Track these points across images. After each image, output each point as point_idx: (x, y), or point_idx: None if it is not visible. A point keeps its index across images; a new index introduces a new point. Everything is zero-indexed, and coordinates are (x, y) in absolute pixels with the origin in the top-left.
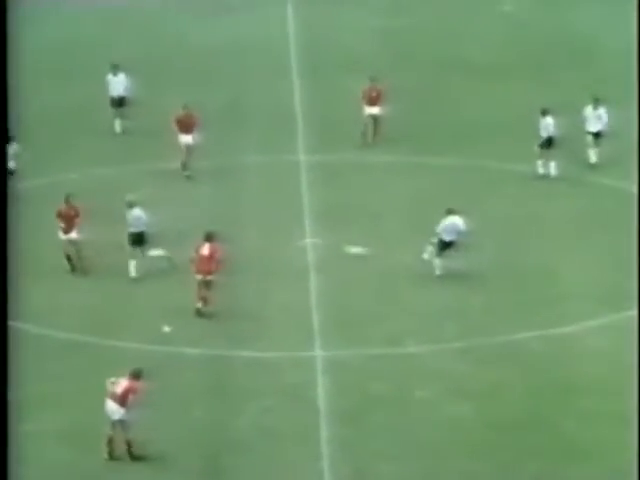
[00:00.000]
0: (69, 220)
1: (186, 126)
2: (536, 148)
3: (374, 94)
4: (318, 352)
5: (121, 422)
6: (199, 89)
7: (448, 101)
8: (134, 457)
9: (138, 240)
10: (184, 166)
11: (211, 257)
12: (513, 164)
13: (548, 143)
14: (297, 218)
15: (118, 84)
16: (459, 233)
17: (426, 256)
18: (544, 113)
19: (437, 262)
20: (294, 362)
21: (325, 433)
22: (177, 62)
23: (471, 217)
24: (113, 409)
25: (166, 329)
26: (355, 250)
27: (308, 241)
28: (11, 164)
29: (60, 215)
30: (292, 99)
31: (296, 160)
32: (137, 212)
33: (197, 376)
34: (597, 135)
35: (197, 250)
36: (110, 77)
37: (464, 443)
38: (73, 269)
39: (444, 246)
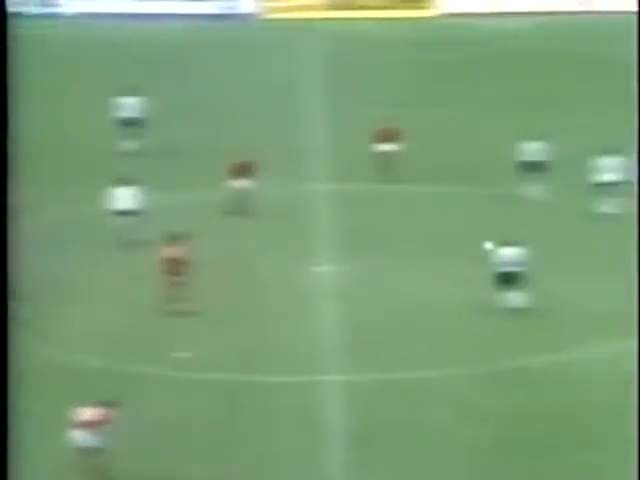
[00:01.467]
0: None
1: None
2: None
3: (388, 131)
4: (332, 376)
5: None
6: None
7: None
8: None
9: None
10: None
11: (178, 259)
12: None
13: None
14: (315, 245)
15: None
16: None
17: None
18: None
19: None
20: (307, 386)
21: (338, 457)
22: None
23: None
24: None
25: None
26: (370, 276)
27: (325, 268)
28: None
29: None
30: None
31: (315, 189)
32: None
33: (211, 400)
34: None
35: (163, 252)
36: (125, 99)
37: (477, 468)
38: None
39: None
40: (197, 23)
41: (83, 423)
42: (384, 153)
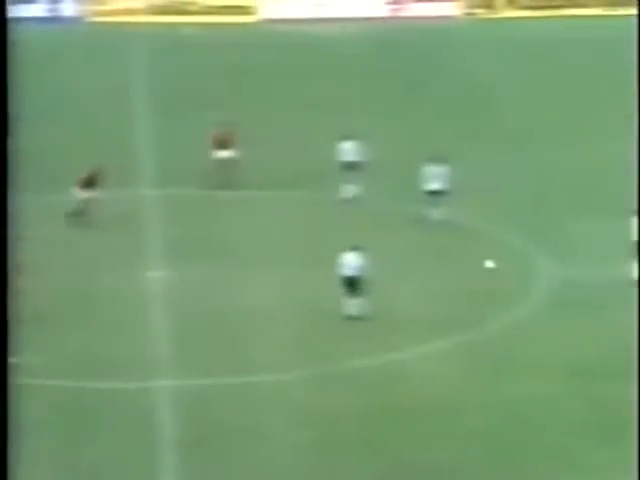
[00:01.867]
0: None
1: None
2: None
3: (224, 137)
4: (166, 381)
5: None
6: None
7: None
8: None
9: None
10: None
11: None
12: None
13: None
14: (150, 251)
15: None
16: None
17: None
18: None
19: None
20: (140, 392)
21: (171, 462)
22: None
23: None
24: None
25: None
26: (202, 281)
27: (160, 273)
28: None
29: None
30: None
31: (141, 194)
32: None
33: (47, 407)
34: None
35: None
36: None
37: (308, 468)
38: None
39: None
40: (23, 25)
41: None
42: (220, 159)
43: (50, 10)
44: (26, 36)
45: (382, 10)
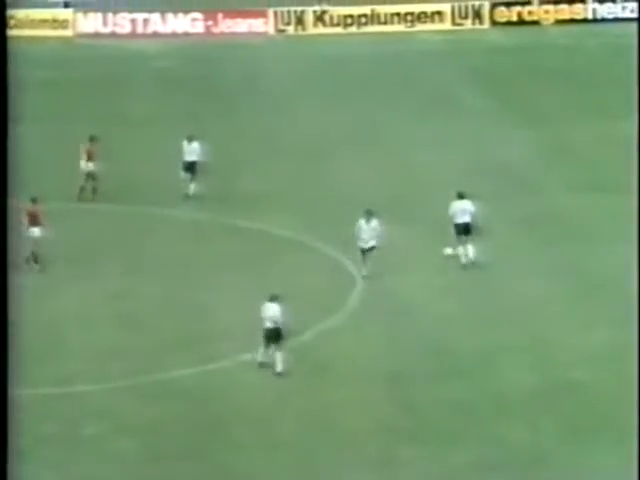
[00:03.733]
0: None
1: None
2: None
3: (90, 151)
4: None
5: None
6: None
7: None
8: None
9: None
10: None
11: None
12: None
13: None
14: None
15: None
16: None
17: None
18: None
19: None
20: None
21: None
22: None
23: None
24: None
25: None
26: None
27: None
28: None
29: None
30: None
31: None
32: None
33: None
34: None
35: None
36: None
37: (130, 476)
38: None
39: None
40: None
41: None
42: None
43: None
44: None
45: (195, 26)
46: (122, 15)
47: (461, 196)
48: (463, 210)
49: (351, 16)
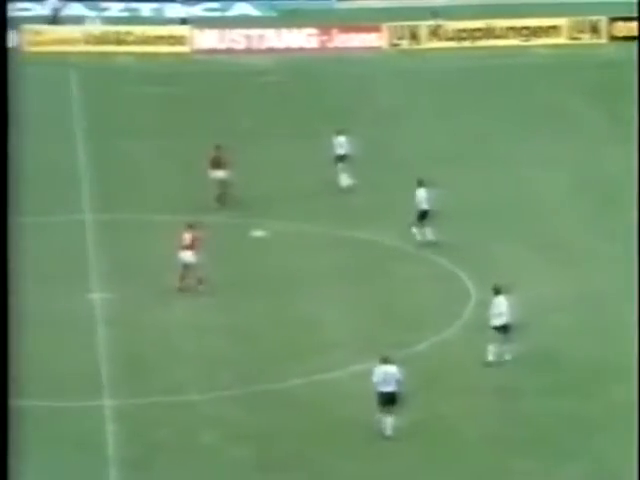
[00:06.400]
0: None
1: None
2: None
3: (219, 159)
4: (106, 401)
5: None
6: None
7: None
8: None
9: None
10: None
11: None
12: None
13: None
14: (85, 274)
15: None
16: None
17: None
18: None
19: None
20: (82, 411)
21: None
22: None
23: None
24: None
25: None
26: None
27: (96, 295)
28: None
29: None
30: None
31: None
32: None
33: None
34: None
35: None
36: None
37: None
38: None
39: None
40: None
41: None
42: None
43: None
44: None
45: (310, 41)
46: (238, 31)
47: None
48: None
49: (465, 30)
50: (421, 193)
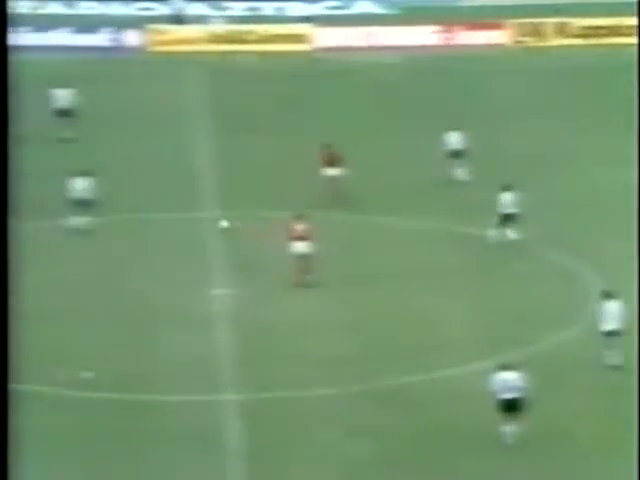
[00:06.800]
0: None
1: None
2: None
3: (332, 157)
4: (229, 396)
5: None
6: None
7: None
8: None
9: None
10: None
11: None
12: None
13: None
14: (206, 270)
15: None
16: None
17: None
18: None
19: None
20: (205, 406)
21: (238, 476)
22: None
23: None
24: None
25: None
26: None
27: (221, 291)
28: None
29: None
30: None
31: (203, 217)
32: None
33: (107, 421)
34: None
35: None
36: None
37: None
38: None
39: None
40: (85, 55)
41: None
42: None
43: (112, 40)
44: (89, 65)
45: (432, 38)
46: (359, 29)
47: None
48: None
49: (591, 27)
50: (506, 197)
